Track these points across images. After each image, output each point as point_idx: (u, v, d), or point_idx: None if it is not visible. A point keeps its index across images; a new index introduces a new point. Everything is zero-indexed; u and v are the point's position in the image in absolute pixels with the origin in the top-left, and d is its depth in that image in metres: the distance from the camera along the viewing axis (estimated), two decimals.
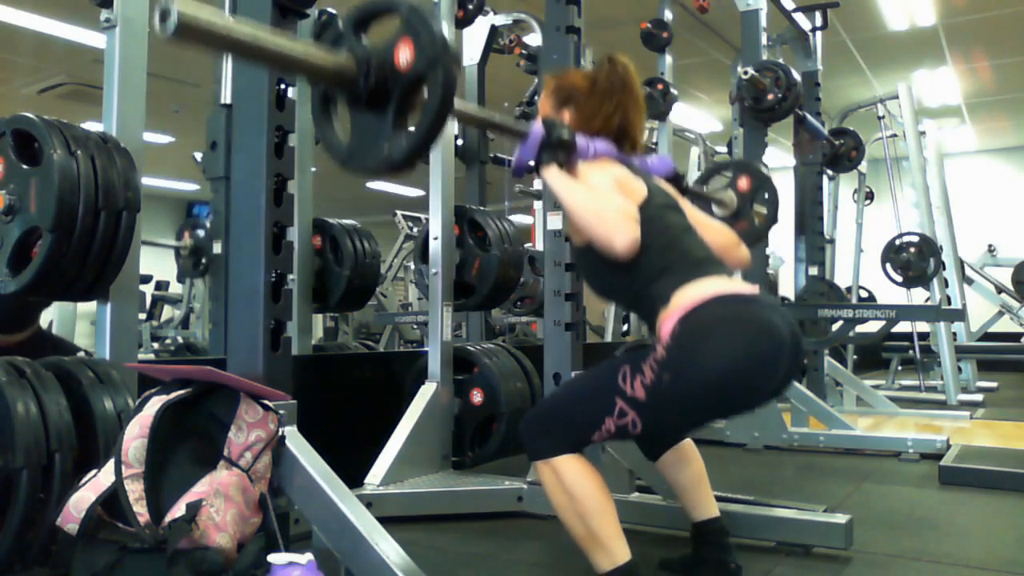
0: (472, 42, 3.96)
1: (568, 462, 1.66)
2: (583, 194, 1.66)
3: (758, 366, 1.56)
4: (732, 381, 1.55)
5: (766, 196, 2.91)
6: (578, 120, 1.86)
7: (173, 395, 1.52)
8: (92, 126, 1.93)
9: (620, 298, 1.94)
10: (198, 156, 3.43)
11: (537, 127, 1.71)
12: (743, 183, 2.88)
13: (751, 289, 1.69)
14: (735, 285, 1.69)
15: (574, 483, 1.65)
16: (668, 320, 1.62)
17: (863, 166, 6.94)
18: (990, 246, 8.21)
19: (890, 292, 6.46)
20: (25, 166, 1.80)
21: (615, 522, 1.65)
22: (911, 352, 6.55)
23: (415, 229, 7.89)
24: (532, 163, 1.73)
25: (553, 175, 1.70)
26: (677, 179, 2.02)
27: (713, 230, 1.96)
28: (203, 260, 3.57)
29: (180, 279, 8.61)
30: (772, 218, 2.94)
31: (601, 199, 1.65)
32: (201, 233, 3.59)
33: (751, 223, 2.86)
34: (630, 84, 1.87)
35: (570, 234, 1.85)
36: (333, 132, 1.45)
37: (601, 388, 1.66)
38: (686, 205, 1.93)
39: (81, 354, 3.07)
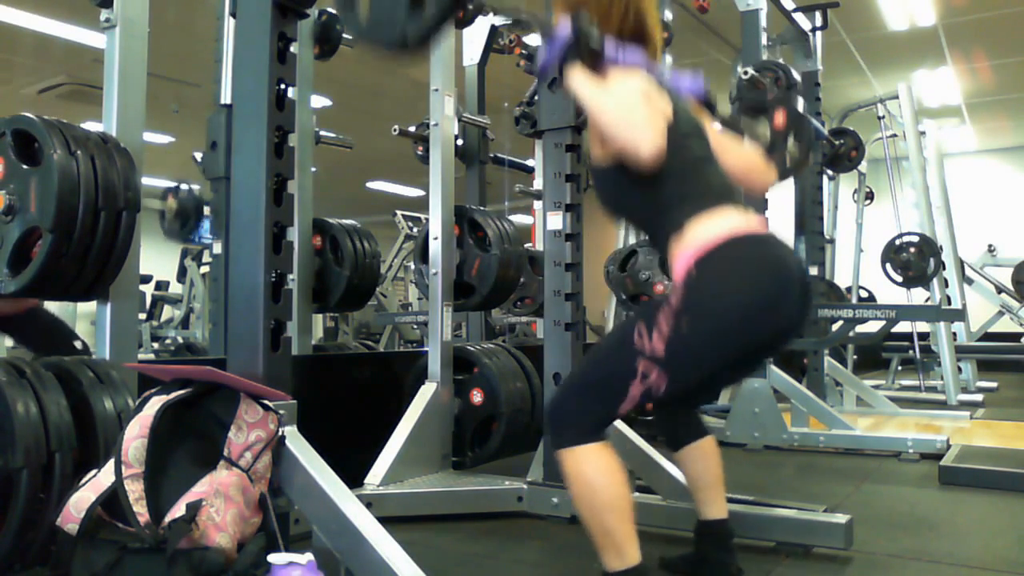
0: (472, 42, 3.96)
1: (595, 452, 1.61)
2: (610, 98, 1.60)
3: (771, 307, 1.58)
4: (748, 321, 1.57)
5: (801, 135, 2.89)
6: (594, 21, 1.75)
7: (173, 395, 1.52)
8: (92, 126, 1.94)
9: (633, 219, 1.89)
10: (198, 156, 3.43)
11: (564, 25, 1.64)
12: (779, 119, 2.87)
13: (763, 225, 1.69)
14: (748, 221, 1.67)
15: (597, 476, 1.60)
16: (681, 257, 1.62)
17: (863, 166, 6.93)
18: (990, 246, 8.20)
19: (890, 292, 6.46)
20: (25, 166, 1.80)
21: (631, 522, 1.62)
22: (911, 352, 6.55)
23: (415, 229, 7.89)
24: (558, 64, 1.67)
25: (579, 78, 1.64)
26: (708, 102, 1.96)
27: (739, 153, 1.94)
28: (189, 221, 3.49)
29: (180, 279, 8.64)
30: (804, 157, 2.91)
31: (629, 105, 1.58)
32: (184, 195, 3.48)
33: (783, 160, 2.84)
34: None
35: (590, 151, 1.77)
36: (353, 8, 1.48)
37: (620, 355, 1.62)
38: (712, 128, 1.90)
39: (77, 344, 3.08)
